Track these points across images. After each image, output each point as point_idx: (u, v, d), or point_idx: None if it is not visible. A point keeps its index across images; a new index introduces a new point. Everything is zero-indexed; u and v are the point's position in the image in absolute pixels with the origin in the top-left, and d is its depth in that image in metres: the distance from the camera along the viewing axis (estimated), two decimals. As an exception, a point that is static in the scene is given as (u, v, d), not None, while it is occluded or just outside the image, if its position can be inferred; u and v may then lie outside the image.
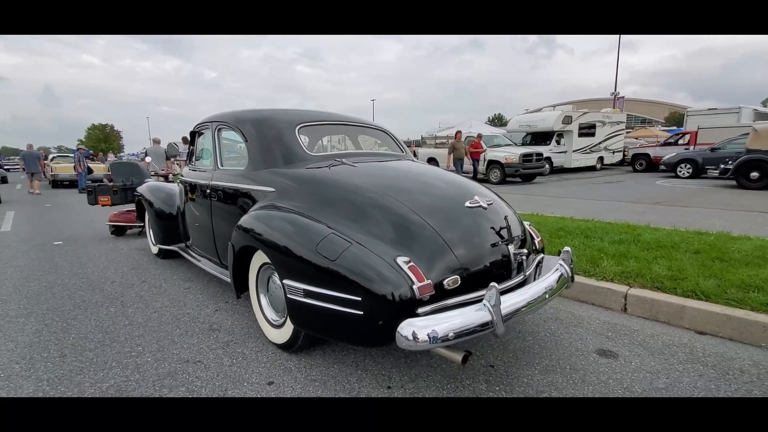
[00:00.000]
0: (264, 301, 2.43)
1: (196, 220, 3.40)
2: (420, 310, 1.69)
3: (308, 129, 2.80)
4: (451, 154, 11.23)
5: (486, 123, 36.54)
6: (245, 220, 2.32)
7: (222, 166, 3.00)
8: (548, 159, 15.28)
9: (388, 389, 1.97)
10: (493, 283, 1.67)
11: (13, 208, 9.21)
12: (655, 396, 1.91)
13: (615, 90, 27.75)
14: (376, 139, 3.47)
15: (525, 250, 2.14)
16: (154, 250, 4.45)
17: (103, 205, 5.37)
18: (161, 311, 2.95)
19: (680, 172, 13.39)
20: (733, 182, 10.22)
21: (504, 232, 2.09)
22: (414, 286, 1.67)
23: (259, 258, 2.35)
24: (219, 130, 3.07)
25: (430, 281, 1.72)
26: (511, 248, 2.07)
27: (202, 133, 3.51)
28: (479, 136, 13.31)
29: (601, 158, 18.01)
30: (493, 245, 2.01)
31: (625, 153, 18.88)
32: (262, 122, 2.76)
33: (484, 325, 1.65)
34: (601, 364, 2.20)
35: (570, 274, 2.22)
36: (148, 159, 6.03)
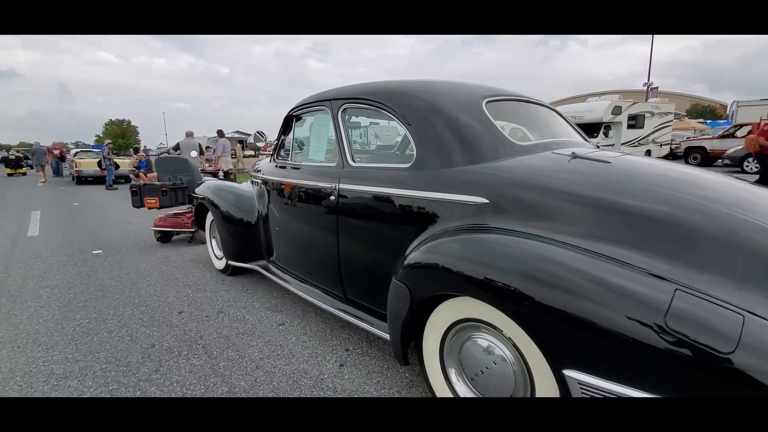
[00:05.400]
0: (461, 388, 1.53)
1: (297, 234, 2.53)
2: None
3: (492, 106, 1.88)
4: None
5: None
6: (438, 253, 1.44)
7: (354, 162, 2.10)
8: (596, 152, 14.16)
9: None
10: None
11: (38, 208, 8.51)
12: None
13: (648, 80, 26.38)
14: (539, 122, 2.41)
15: None
16: (219, 264, 3.62)
17: (149, 208, 4.54)
18: (265, 366, 2.10)
19: (747, 167, 12.23)
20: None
21: None
22: None
23: (455, 310, 1.47)
24: (344, 110, 2.17)
25: None
26: None
27: (301, 118, 2.63)
28: None
29: (648, 151, 16.78)
30: None
31: (674, 146, 17.69)
32: (434, 95, 1.85)
33: None
34: None
35: None
36: (194, 154, 5.19)
